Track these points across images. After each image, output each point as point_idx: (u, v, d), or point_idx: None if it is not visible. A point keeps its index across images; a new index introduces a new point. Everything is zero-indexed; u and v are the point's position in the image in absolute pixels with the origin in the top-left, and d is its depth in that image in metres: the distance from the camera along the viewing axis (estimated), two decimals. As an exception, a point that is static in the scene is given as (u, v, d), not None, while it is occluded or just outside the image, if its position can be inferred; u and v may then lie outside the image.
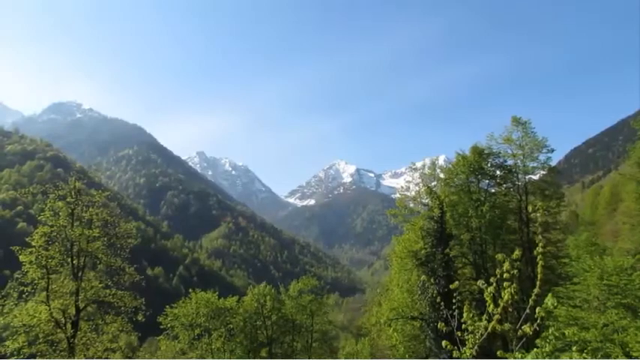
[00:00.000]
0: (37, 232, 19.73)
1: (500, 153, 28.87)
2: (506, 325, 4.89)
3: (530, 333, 4.82)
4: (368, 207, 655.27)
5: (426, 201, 28.67)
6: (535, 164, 28.21)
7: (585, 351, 5.49)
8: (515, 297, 4.91)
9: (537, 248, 5.31)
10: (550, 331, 4.87)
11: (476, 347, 4.98)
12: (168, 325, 34.11)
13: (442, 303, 6.40)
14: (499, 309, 4.89)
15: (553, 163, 29.39)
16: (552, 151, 27.92)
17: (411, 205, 30.16)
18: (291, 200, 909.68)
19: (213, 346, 34.32)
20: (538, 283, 5.05)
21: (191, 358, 33.33)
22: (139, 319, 20.36)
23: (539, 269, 5.17)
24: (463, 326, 5.15)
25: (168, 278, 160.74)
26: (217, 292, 36.84)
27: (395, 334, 27.53)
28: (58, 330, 19.20)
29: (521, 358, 4.71)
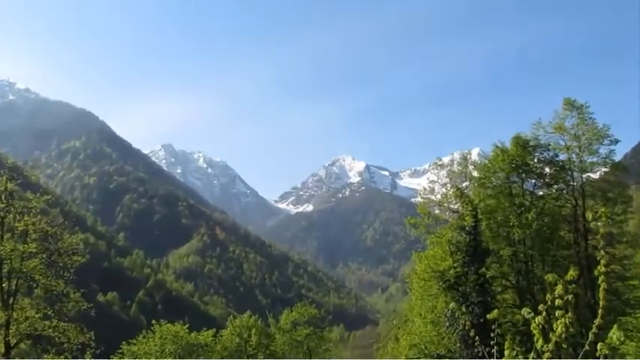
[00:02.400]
0: (-44, 248, 19.68)
1: (549, 145, 28.85)
2: (560, 366, 4.79)
3: (591, 375, 4.70)
4: (381, 214, 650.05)
5: (456, 206, 28.77)
6: (594, 159, 28.06)
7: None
8: (571, 329, 4.74)
9: (599, 267, 5.23)
10: (616, 373, 4.82)
11: (520, 394, 4.93)
12: (126, 367, 34.07)
13: (476, 337, 6.35)
14: (550, 345, 4.71)
15: (617, 158, 29.49)
16: (616, 142, 27.84)
17: (437, 211, 30.43)
18: (282, 206, 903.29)
19: (182, 394, 34.29)
20: (600, 311, 4.95)
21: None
22: (87, 358, 20.32)
23: (601, 294, 5.07)
24: (504, 367, 5.10)
25: (125, 306, 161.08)
26: (188, 324, 36.83)
27: (416, 377, 27.64)
28: (-17, 373, 19.14)
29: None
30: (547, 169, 29.22)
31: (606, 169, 28.78)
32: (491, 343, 5.50)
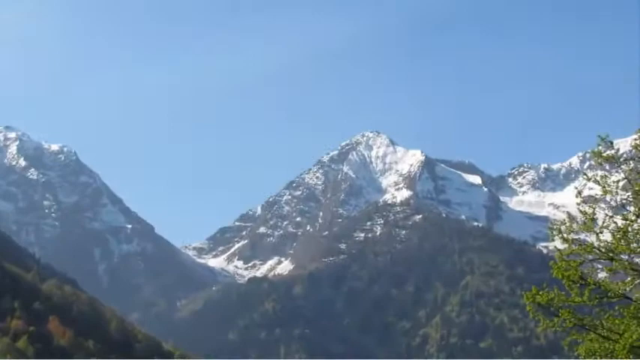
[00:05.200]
0: None
1: None
2: None
3: None
4: (466, 281, 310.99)
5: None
6: None
7: None
8: None
9: None
10: None
11: None
12: None
13: None
14: None
15: None
16: None
17: (602, 274, 17.88)
18: (216, 261, 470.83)
19: None
20: None
21: None
22: None
23: None
24: None
25: None
26: None
27: None
28: None
29: None
30: None
31: None
32: None
